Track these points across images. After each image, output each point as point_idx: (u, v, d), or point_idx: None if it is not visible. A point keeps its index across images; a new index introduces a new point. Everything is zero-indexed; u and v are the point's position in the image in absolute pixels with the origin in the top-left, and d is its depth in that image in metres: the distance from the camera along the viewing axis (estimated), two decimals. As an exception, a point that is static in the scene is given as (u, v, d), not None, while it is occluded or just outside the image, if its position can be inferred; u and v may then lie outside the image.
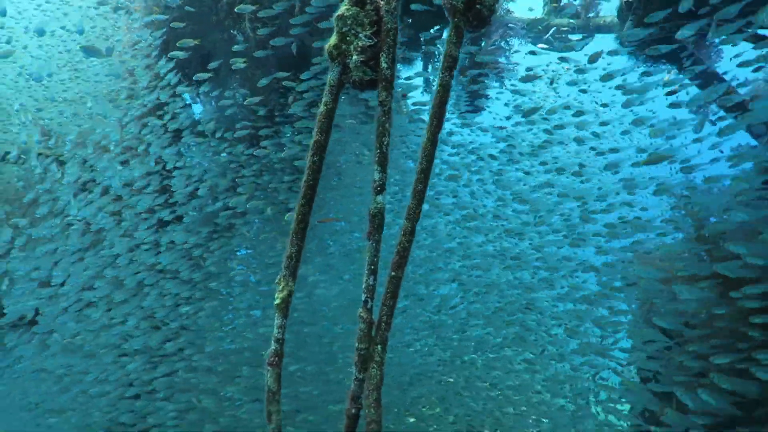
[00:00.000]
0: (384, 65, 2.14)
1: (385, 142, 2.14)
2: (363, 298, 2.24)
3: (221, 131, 7.24)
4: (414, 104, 9.52)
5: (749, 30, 6.05)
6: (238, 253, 8.96)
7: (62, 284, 7.43)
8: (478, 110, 8.99)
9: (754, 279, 5.00)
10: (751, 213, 5.42)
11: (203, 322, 7.90)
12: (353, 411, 2.35)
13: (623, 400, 7.59)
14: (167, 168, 7.88)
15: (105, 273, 7.46)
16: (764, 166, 6.21)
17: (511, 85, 9.82)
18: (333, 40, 2.23)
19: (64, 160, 8.24)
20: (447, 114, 2.30)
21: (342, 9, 2.23)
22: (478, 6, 2.24)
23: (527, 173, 9.53)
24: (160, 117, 7.70)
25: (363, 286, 2.24)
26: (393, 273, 2.26)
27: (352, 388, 2.35)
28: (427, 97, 9.47)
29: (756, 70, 6.94)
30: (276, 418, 2.30)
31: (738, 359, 5.08)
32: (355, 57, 2.17)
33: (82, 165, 8.01)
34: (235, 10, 5.68)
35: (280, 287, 2.26)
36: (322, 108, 2.26)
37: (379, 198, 2.17)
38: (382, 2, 2.20)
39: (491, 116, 9.21)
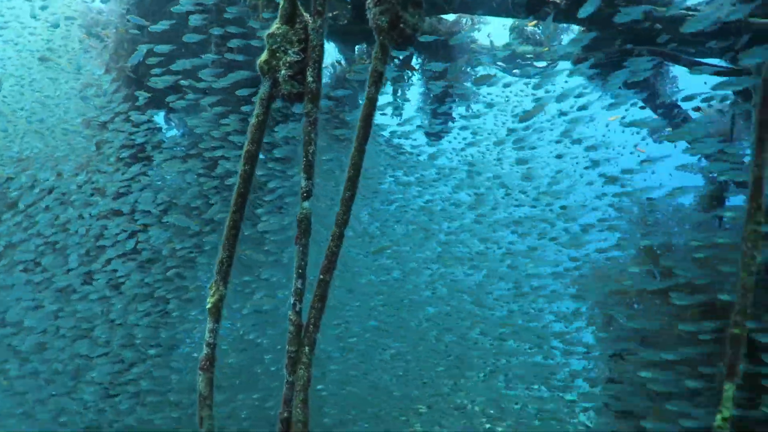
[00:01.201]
0: (310, 79, 2.27)
1: (311, 151, 2.25)
2: (291, 301, 2.32)
3: (188, 157, 7.19)
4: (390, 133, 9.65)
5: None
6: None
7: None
8: (440, 137, 9.21)
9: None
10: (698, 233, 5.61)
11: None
12: (285, 414, 2.39)
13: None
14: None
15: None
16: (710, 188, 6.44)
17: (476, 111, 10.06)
18: (264, 56, 2.36)
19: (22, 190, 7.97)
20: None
21: (273, 27, 2.36)
22: (401, 25, 2.39)
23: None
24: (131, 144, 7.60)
25: (291, 289, 2.32)
26: (322, 276, 2.35)
27: (284, 392, 2.40)
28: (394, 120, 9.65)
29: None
30: (207, 423, 2.34)
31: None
32: (283, 71, 2.30)
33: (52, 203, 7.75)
34: (190, 23, 5.76)
35: (212, 292, 2.33)
36: (253, 120, 2.38)
37: (306, 204, 2.27)
38: (309, 21, 2.34)
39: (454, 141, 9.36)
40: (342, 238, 2.35)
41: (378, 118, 9.78)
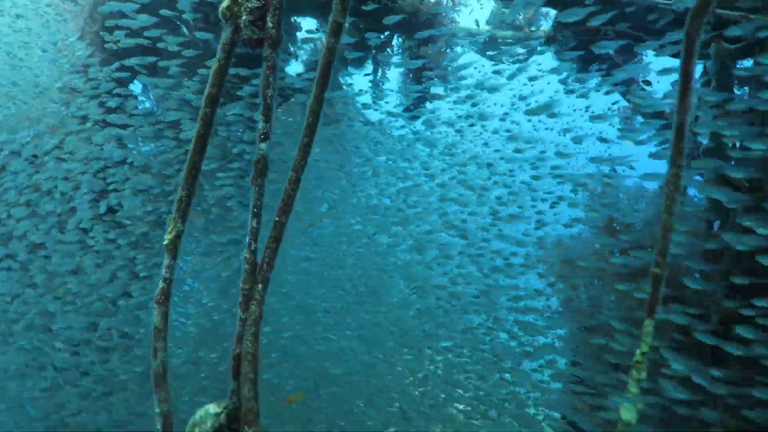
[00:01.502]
0: (270, 24, 2.34)
1: (269, 95, 2.33)
2: (246, 241, 2.40)
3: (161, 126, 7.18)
4: (363, 106, 9.74)
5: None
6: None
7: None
8: (417, 107, 9.28)
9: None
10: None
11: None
12: (237, 351, 2.48)
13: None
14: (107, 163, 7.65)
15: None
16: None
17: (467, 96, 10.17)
18: (226, 2, 2.42)
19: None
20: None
21: (236, -27, 2.42)
22: (362, -22, 2.47)
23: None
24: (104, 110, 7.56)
25: (247, 228, 2.41)
26: (277, 218, 2.43)
27: (237, 330, 2.49)
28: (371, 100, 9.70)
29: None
30: (161, 354, 2.42)
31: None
32: (244, 17, 2.36)
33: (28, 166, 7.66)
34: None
35: (169, 229, 2.40)
36: (215, 64, 2.44)
37: (263, 145, 2.35)
38: (271, -32, 2.40)
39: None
40: (298, 182, 2.43)
41: (356, 97, 9.83)
